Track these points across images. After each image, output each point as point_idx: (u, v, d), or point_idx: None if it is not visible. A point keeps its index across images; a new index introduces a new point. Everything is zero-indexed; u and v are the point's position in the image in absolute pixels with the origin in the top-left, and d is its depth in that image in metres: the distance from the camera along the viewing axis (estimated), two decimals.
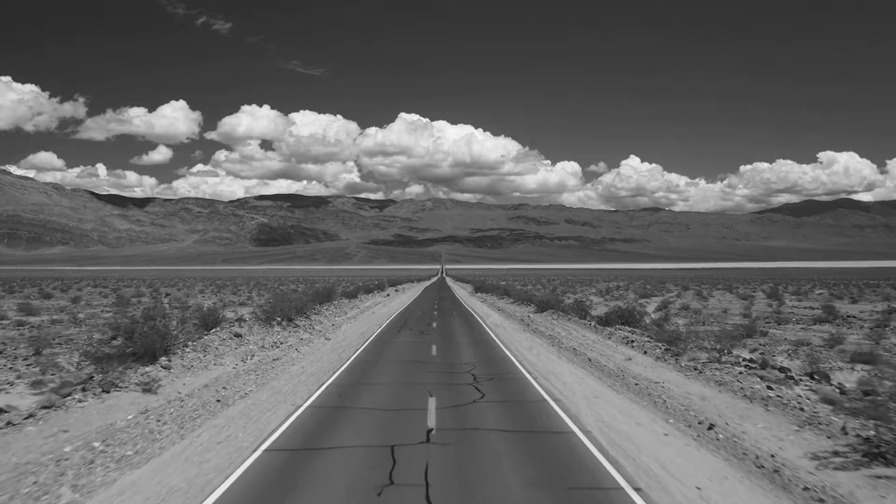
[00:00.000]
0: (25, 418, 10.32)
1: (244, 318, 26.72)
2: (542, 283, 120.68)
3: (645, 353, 19.65)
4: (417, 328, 29.92)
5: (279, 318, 25.93)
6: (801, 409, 11.27)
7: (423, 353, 20.66)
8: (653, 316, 34.70)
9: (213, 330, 21.03)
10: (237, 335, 20.93)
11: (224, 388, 14.51)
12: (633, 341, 22.34)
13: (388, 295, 70.68)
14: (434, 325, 31.84)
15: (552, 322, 33.28)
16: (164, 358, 15.77)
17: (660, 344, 21.44)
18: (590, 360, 18.99)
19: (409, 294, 76.28)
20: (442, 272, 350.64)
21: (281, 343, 22.87)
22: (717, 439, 10.14)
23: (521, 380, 15.96)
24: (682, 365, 17.04)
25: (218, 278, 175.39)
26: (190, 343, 18.05)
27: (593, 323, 31.04)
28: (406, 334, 27.19)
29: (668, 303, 52.38)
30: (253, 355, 19.70)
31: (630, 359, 18.69)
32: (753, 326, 25.31)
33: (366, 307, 48.47)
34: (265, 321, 24.60)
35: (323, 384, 15.32)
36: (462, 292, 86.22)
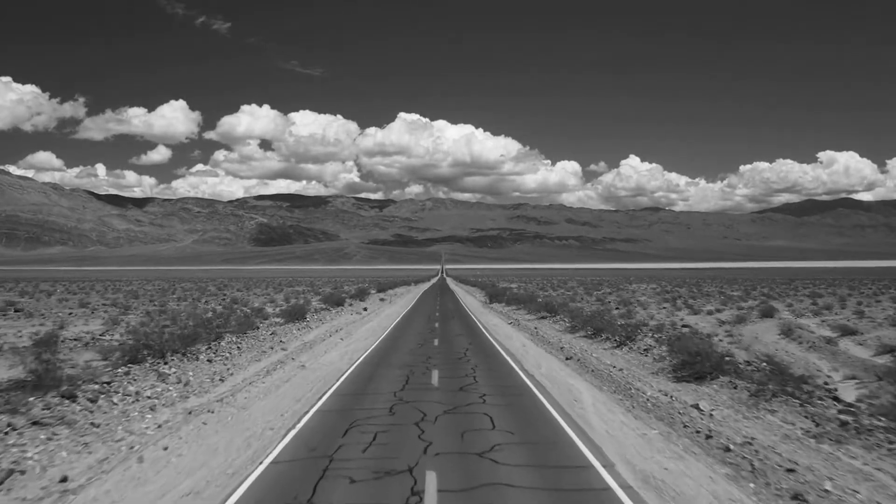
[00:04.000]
0: None
1: None
2: (557, 287, 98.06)
3: None
4: None
5: None
6: None
7: None
8: None
9: None
10: None
11: None
12: None
13: (365, 309, 47.75)
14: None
15: (809, 447, 10.58)
16: None
17: None
18: None
19: (397, 307, 53.09)
20: (442, 272, 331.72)
21: None
22: None
23: None
24: None
25: (210, 279, 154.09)
26: None
27: None
28: None
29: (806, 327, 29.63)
30: None
31: None
32: None
33: (305, 344, 25.63)
34: None
35: None
36: (471, 302, 63.02)
